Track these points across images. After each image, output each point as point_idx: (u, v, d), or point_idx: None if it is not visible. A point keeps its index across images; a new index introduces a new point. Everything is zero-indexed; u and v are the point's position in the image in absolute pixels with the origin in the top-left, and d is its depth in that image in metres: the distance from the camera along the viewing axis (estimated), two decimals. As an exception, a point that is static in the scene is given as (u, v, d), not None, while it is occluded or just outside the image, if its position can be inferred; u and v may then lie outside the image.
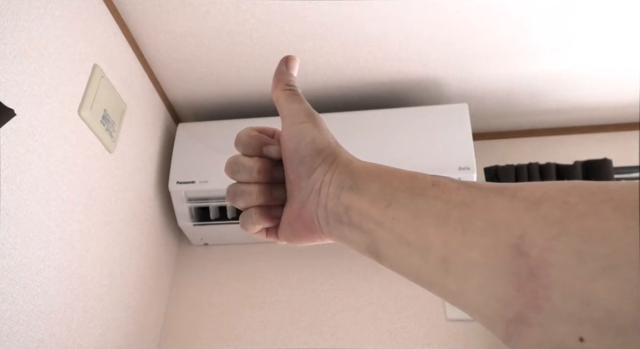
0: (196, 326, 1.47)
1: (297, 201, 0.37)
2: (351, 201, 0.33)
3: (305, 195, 0.36)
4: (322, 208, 0.35)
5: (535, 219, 0.23)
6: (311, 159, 0.36)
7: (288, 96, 0.39)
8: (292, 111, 0.38)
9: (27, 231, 0.92)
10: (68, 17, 1.04)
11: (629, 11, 1.22)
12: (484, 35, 1.30)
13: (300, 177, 0.36)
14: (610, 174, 1.38)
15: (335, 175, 0.35)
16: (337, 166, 0.35)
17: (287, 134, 0.37)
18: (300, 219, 0.37)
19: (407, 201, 0.30)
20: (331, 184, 0.34)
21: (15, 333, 0.89)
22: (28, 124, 0.92)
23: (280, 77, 0.40)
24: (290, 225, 0.38)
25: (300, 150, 0.36)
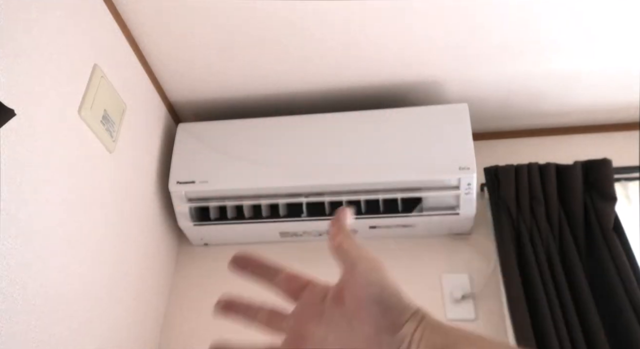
0: (196, 326, 1.47)
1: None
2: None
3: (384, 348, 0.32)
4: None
5: None
6: (398, 313, 0.32)
7: (352, 241, 0.36)
8: (367, 258, 0.35)
9: (27, 231, 0.92)
10: (68, 17, 1.04)
11: (629, 11, 1.22)
12: (484, 36, 1.30)
13: (382, 332, 0.32)
14: (610, 174, 1.37)
15: (425, 333, 0.31)
16: (427, 324, 0.32)
17: (365, 280, 0.33)
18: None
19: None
20: (420, 344, 0.31)
21: (15, 333, 0.89)
22: (28, 124, 0.92)
23: (341, 225, 0.37)
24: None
25: (385, 300, 0.32)
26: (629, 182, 1.48)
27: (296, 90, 1.49)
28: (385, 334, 0.32)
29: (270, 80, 1.46)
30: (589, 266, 1.29)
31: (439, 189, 1.35)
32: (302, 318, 0.38)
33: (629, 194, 1.47)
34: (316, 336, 0.36)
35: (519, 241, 1.34)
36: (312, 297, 0.38)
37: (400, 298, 0.33)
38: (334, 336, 0.35)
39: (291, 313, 0.39)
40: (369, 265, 0.34)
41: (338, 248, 0.36)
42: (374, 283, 0.33)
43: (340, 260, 0.36)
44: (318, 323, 0.36)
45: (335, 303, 0.35)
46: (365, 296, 0.33)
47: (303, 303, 0.38)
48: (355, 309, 0.33)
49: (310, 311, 0.37)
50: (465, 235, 1.50)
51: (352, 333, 0.33)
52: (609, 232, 1.29)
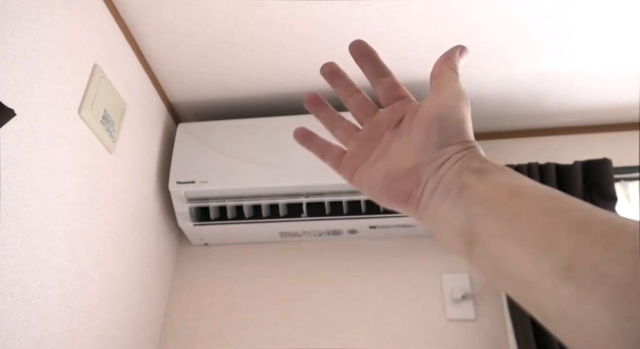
0: (196, 326, 1.47)
1: (412, 160, 0.36)
2: (471, 181, 0.32)
3: (425, 160, 0.35)
4: (436, 180, 0.34)
5: None
6: (452, 134, 0.35)
7: (454, 75, 0.38)
8: (455, 88, 0.37)
9: (27, 231, 0.92)
10: (68, 17, 1.05)
11: (628, 11, 1.22)
12: (484, 36, 1.30)
13: (430, 143, 0.35)
14: (610, 174, 1.37)
15: (466, 157, 0.34)
16: (471, 152, 0.35)
17: (442, 101, 0.36)
18: (404, 178, 0.36)
19: (539, 199, 0.29)
20: (457, 162, 0.34)
21: (15, 333, 0.89)
22: (28, 124, 0.92)
23: (452, 57, 0.40)
24: (387, 178, 0.37)
25: (448, 121, 0.35)
26: (629, 182, 1.49)
27: (296, 90, 1.49)
28: (432, 147, 0.35)
29: (270, 80, 1.46)
30: (589, 266, 1.29)
31: (439, 189, 1.35)
32: (384, 121, 0.41)
33: (629, 194, 1.47)
34: (385, 138, 0.40)
35: (519, 241, 1.34)
36: (401, 108, 0.40)
37: (462, 126, 0.36)
38: (396, 141, 0.38)
39: (379, 112, 0.42)
40: (452, 92, 0.37)
41: (437, 74, 0.39)
42: (446, 105, 0.36)
43: (433, 84, 0.38)
44: (393, 129, 0.40)
45: (412, 116, 0.38)
46: (433, 113, 0.36)
47: (391, 110, 0.41)
48: (420, 122, 0.37)
49: (393, 117, 0.40)
50: (465, 235, 1.50)
51: (408, 139, 0.37)
52: (609, 232, 1.29)
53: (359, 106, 0.43)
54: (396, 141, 0.38)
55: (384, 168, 0.38)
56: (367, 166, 0.39)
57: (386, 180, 0.37)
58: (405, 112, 0.39)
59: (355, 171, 0.40)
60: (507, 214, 0.29)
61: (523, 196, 0.30)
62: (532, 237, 0.27)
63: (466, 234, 0.31)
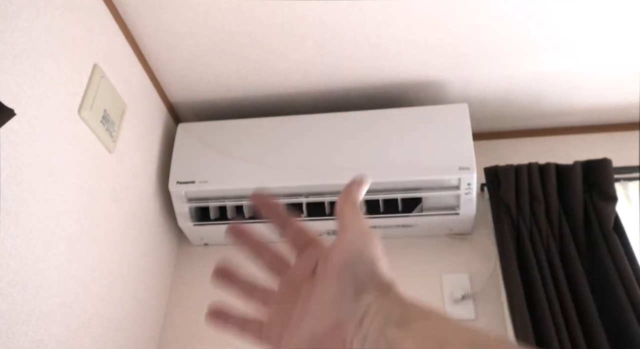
0: (196, 326, 1.47)
1: (331, 318, 0.34)
2: (395, 337, 0.30)
3: (344, 316, 0.33)
4: (361, 339, 0.32)
5: None
6: (364, 279, 0.33)
7: (354, 209, 0.37)
8: (358, 226, 0.36)
9: (27, 231, 0.92)
10: (68, 17, 1.05)
11: (628, 11, 1.22)
12: (484, 36, 1.30)
13: (343, 296, 0.33)
14: (610, 174, 1.37)
15: (385, 304, 0.32)
16: (391, 297, 0.33)
17: (346, 247, 0.35)
18: (328, 341, 0.34)
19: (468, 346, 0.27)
20: (378, 314, 0.32)
21: (15, 333, 0.89)
22: (28, 124, 0.92)
23: (351, 192, 0.39)
24: (312, 342, 0.35)
25: (356, 267, 0.34)
26: (629, 182, 1.49)
27: (296, 90, 1.49)
28: (347, 300, 0.33)
29: (270, 81, 1.46)
30: (589, 266, 1.29)
31: (439, 189, 1.35)
32: (299, 272, 0.40)
33: (629, 194, 1.47)
34: (303, 292, 0.38)
35: (519, 241, 1.34)
36: (313, 254, 0.39)
37: (373, 269, 0.34)
38: (314, 294, 0.36)
39: (293, 264, 0.41)
40: (358, 234, 0.36)
41: (339, 214, 0.38)
42: (353, 250, 0.34)
43: (338, 225, 0.37)
44: (309, 280, 0.38)
45: (322, 264, 0.37)
46: (342, 260, 0.34)
47: (304, 258, 0.40)
48: (330, 272, 0.35)
49: (307, 265, 0.39)
50: (465, 235, 1.50)
51: (324, 291, 0.35)
52: (609, 232, 1.29)
53: (271, 262, 0.42)
54: (314, 295, 0.36)
55: (308, 333, 0.35)
56: (290, 332, 0.37)
57: (312, 345, 0.35)
58: (318, 258, 0.38)
59: (280, 340, 0.37)
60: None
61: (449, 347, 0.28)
62: None
63: None
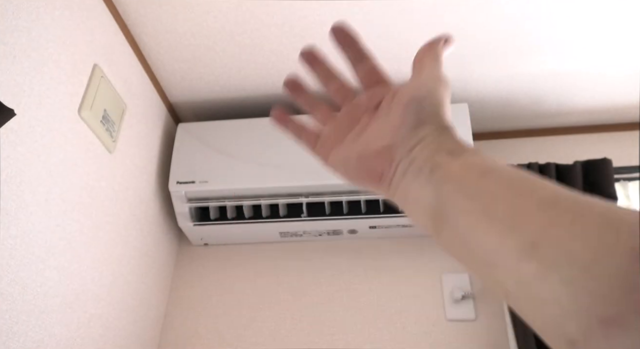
0: (196, 326, 1.47)
1: (385, 141, 0.36)
2: (443, 161, 0.32)
3: (398, 141, 0.35)
4: (408, 161, 0.34)
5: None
6: (427, 116, 0.35)
7: (436, 61, 0.38)
8: (435, 72, 0.37)
9: (27, 231, 0.92)
10: (68, 17, 1.05)
11: (628, 11, 1.22)
12: (484, 36, 1.30)
13: (405, 124, 0.35)
14: (610, 174, 1.37)
15: (439, 138, 0.34)
16: (446, 134, 0.34)
17: (421, 84, 0.36)
18: (377, 158, 0.36)
19: (510, 179, 0.29)
20: (431, 144, 0.33)
21: (15, 333, 0.89)
22: (28, 124, 0.92)
23: (435, 45, 0.39)
24: (361, 158, 0.37)
25: (425, 103, 0.35)
26: (629, 182, 1.49)
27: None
28: (407, 128, 0.35)
29: (270, 81, 1.46)
30: (589, 266, 1.29)
31: (439, 189, 1.35)
32: (362, 103, 0.40)
33: (629, 194, 1.48)
34: (362, 121, 0.39)
35: (519, 241, 1.34)
36: (380, 91, 0.40)
37: (439, 109, 0.35)
38: (373, 123, 0.38)
39: (359, 96, 0.42)
40: (432, 76, 0.36)
41: (418, 61, 0.38)
42: (425, 88, 0.36)
43: (415, 68, 0.38)
44: (371, 112, 0.39)
45: (390, 98, 0.38)
46: (412, 94, 0.36)
47: (371, 93, 0.40)
48: (398, 103, 0.36)
49: (372, 100, 0.40)
50: (465, 235, 1.50)
51: (385, 120, 0.37)
52: (609, 232, 1.29)
53: (338, 90, 0.43)
54: (373, 123, 0.38)
55: (359, 149, 0.37)
56: (342, 147, 0.39)
57: (359, 160, 0.37)
58: (385, 95, 0.39)
59: (330, 152, 0.40)
60: (477, 192, 0.29)
61: (494, 175, 0.30)
62: (500, 215, 0.27)
63: (436, 213, 0.31)
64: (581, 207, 0.25)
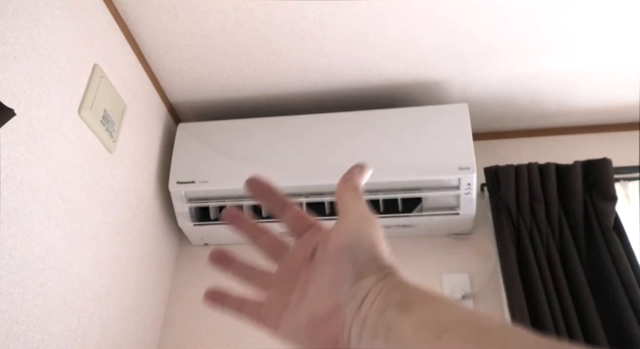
0: (196, 326, 1.47)
1: (330, 302, 0.33)
2: (395, 320, 0.29)
3: (343, 299, 0.32)
4: (360, 322, 0.31)
5: None
6: (365, 263, 0.32)
7: (355, 194, 0.36)
8: (357, 210, 0.35)
9: (27, 231, 0.92)
10: (68, 17, 1.05)
11: (628, 12, 1.22)
12: (484, 36, 1.30)
13: (343, 280, 0.32)
14: (610, 174, 1.37)
15: (385, 288, 0.31)
16: (391, 280, 0.32)
17: (346, 231, 0.34)
18: (327, 323, 0.33)
19: (469, 340, 0.26)
20: (378, 297, 0.31)
21: (15, 333, 0.89)
22: (28, 124, 0.92)
23: (351, 177, 0.38)
24: (310, 325, 0.34)
25: (356, 251, 0.33)
26: (629, 182, 1.49)
27: (296, 90, 1.49)
28: (346, 283, 0.32)
29: (270, 81, 1.46)
30: (589, 266, 1.29)
31: (439, 189, 1.35)
32: (297, 257, 0.39)
33: (629, 194, 1.48)
34: (302, 276, 0.37)
35: (519, 241, 1.34)
36: (311, 238, 0.39)
37: (374, 253, 0.33)
38: (313, 278, 0.36)
39: (291, 248, 0.40)
40: (357, 218, 0.35)
41: (339, 198, 0.37)
42: (353, 233, 0.34)
43: (338, 209, 0.37)
44: (308, 264, 0.37)
45: (323, 247, 0.36)
46: (341, 243, 0.33)
47: (303, 242, 0.39)
48: (329, 256, 0.34)
49: (306, 250, 0.38)
50: (465, 235, 1.50)
51: (323, 275, 0.35)
52: (609, 232, 1.30)
53: (269, 247, 0.41)
54: (313, 279, 0.36)
55: (306, 314, 0.34)
56: (289, 314, 0.36)
57: (309, 328, 0.34)
58: (317, 242, 0.37)
59: (279, 322, 0.36)
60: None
61: (451, 336, 0.27)
62: None
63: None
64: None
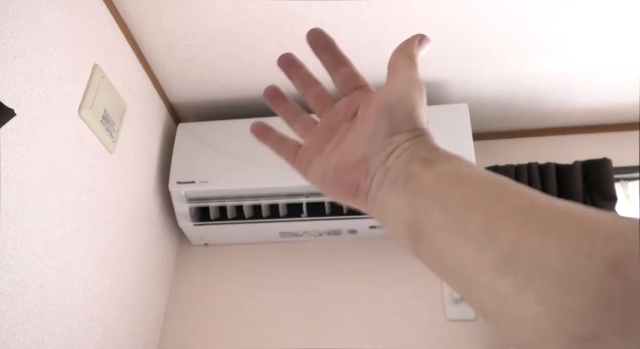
0: (196, 326, 1.47)
1: (361, 152, 0.35)
2: (417, 170, 0.31)
3: (373, 150, 0.34)
4: (384, 171, 0.32)
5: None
6: (401, 122, 0.33)
7: (409, 62, 0.36)
8: (408, 75, 0.35)
9: (27, 231, 0.92)
10: (68, 17, 1.04)
11: (628, 12, 1.22)
12: (484, 36, 1.30)
13: (379, 132, 0.34)
14: (610, 174, 1.37)
15: (415, 145, 0.32)
16: (421, 140, 0.33)
17: (393, 88, 0.35)
18: (353, 170, 0.35)
19: (484, 186, 0.27)
20: (406, 152, 0.32)
21: (15, 333, 0.89)
22: (28, 124, 0.92)
23: (409, 46, 0.37)
24: (337, 170, 0.36)
25: (397, 108, 0.34)
26: (629, 182, 1.49)
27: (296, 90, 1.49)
28: (381, 136, 0.33)
29: (270, 81, 1.45)
30: (589, 266, 1.29)
31: (439, 189, 1.35)
32: (341, 112, 0.39)
33: (629, 194, 1.48)
34: (341, 130, 0.38)
35: (519, 241, 1.34)
36: (358, 98, 0.39)
37: (412, 114, 0.34)
38: (351, 132, 0.37)
39: (337, 103, 0.41)
40: (405, 79, 0.35)
41: (392, 63, 0.37)
42: (397, 93, 0.34)
43: (389, 72, 0.37)
44: (349, 120, 0.38)
45: (363, 107, 0.37)
46: (383, 101, 0.34)
47: (349, 100, 0.39)
48: (371, 110, 0.35)
49: (350, 107, 0.39)
50: (465, 235, 1.50)
51: (361, 129, 0.36)
52: (609, 232, 1.29)
53: (317, 98, 0.42)
54: (351, 132, 0.37)
55: (336, 160, 0.36)
56: (320, 159, 0.38)
57: (336, 173, 0.36)
58: (362, 101, 0.38)
59: (310, 165, 0.38)
60: (452, 204, 0.28)
61: (469, 183, 0.28)
62: (475, 228, 0.26)
63: (412, 228, 0.30)
64: (556, 215, 0.24)
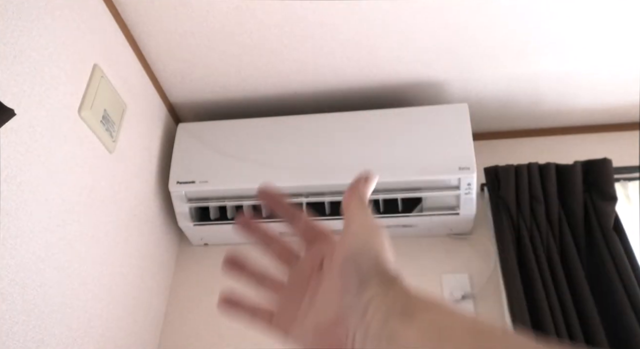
0: (196, 326, 1.47)
1: (334, 311, 0.34)
2: (398, 328, 0.29)
3: (347, 309, 0.33)
4: (363, 331, 0.31)
5: None
6: (368, 272, 0.32)
7: (361, 204, 0.36)
8: (363, 220, 0.35)
9: (27, 231, 0.92)
10: (68, 17, 1.05)
11: (628, 12, 1.22)
12: (484, 36, 1.30)
13: (348, 289, 0.33)
14: (610, 174, 1.37)
15: (388, 296, 0.31)
16: (394, 288, 0.32)
17: (350, 241, 0.34)
18: (332, 331, 0.34)
19: (469, 344, 0.26)
20: (380, 307, 0.31)
21: (15, 333, 0.89)
22: (28, 124, 0.92)
23: (357, 187, 0.38)
24: (316, 332, 0.35)
25: (360, 259, 0.33)
26: (629, 182, 1.49)
27: (296, 90, 1.49)
28: (350, 292, 0.32)
29: (270, 81, 1.46)
30: (589, 266, 1.29)
31: (439, 189, 1.35)
32: (307, 266, 0.39)
33: (629, 194, 1.48)
34: (311, 285, 0.38)
35: (519, 241, 1.34)
36: (320, 248, 0.39)
37: (377, 262, 0.33)
38: (321, 287, 0.36)
39: (301, 258, 0.41)
40: (362, 228, 0.35)
41: (345, 208, 0.37)
42: (357, 243, 0.34)
43: (344, 219, 0.37)
44: (317, 273, 0.38)
45: (328, 258, 0.37)
46: (346, 253, 0.34)
47: (312, 252, 0.39)
48: (335, 265, 0.35)
49: (314, 259, 0.39)
50: (465, 235, 1.50)
51: (329, 284, 0.35)
52: (609, 232, 1.29)
53: (280, 254, 0.42)
54: (321, 288, 0.36)
55: (312, 324, 0.35)
56: (298, 322, 0.37)
57: (315, 337, 0.35)
58: (325, 252, 0.38)
59: (289, 329, 0.37)
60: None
61: (454, 342, 0.27)
62: None
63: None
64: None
